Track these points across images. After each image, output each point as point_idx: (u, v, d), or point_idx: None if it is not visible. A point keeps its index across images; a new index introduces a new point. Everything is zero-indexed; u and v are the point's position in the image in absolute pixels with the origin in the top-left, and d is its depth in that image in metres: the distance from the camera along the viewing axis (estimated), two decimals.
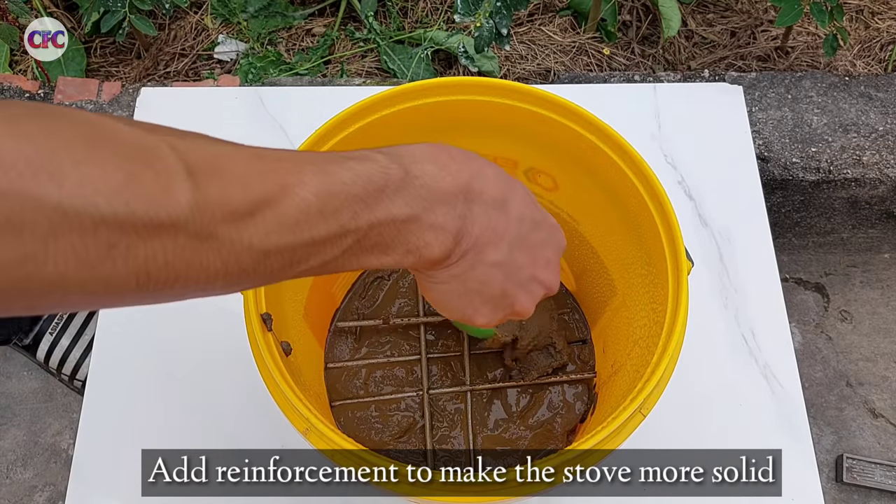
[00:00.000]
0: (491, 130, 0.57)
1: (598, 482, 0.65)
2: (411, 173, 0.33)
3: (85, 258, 0.24)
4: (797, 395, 0.69)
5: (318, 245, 0.30)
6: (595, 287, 0.65)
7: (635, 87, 0.86)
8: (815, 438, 1.26)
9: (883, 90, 1.16)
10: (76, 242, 0.23)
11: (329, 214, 0.30)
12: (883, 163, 1.13)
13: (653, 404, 0.45)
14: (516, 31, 1.36)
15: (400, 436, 0.63)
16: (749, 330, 0.72)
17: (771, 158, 1.12)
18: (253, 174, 0.28)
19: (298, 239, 0.29)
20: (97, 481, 0.65)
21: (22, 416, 1.28)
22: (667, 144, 0.81)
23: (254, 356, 0.46)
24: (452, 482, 0.41)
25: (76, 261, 0.24)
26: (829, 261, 1.42)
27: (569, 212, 0.62)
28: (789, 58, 1.34)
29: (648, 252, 0.53)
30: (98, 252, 0.24)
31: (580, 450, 0.42)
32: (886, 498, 1.23)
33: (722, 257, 0.75)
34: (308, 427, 0.43)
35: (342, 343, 0.67)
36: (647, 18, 1.39)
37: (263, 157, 0.29)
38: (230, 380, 0.67)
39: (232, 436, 0.66)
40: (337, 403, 0.64)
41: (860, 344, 1.36)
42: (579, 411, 0.64)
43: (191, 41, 1.36)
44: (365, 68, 1.33)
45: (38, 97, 1.11)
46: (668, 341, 0.45)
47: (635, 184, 0.51)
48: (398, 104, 0.53)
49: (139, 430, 0.67)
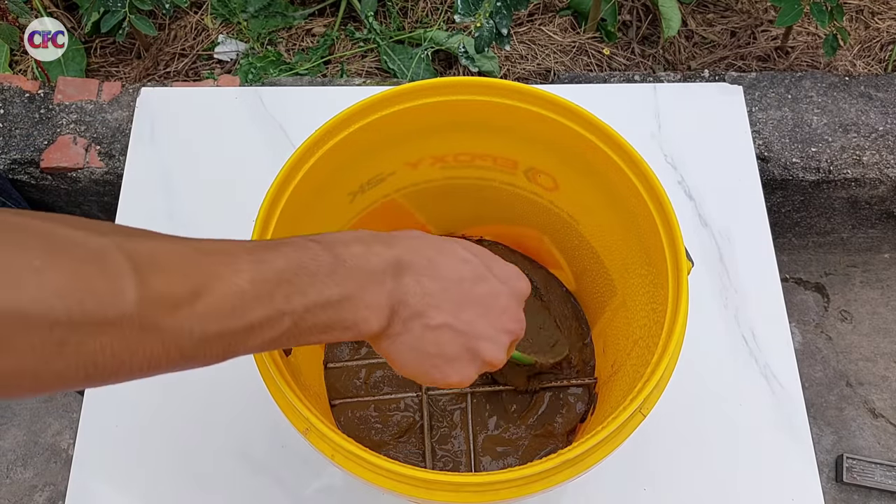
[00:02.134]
0: (491, 130, 0.57)
1: (598, 482, 0.65)
2: (340, 257, 0.36)
3: (41, 354, 0.26)
4: (797, 395, 0.69)
5: (255, 329, 0.32)
6: (595, 287, 0.65)
7: (635, 87, 0.86)
8: (815, 438, 1.26)
9: (883, 90, 1.16)
10: (34, 342, 0.26)
11: (264, 299, 0.32)
12: (883, 163, 1.13)
13: (653, 404, 0.45)
14: (516, 31, 1.36)
15: (400, 436, 0.63)
16: (749, 330, 0.72)
17: (771, 158, 1.12)
18: (192, 267, 0.31)
19: (236, 324, 0.31)
20: (97, 481, 0.65)
21: (22, 416, 1.28)
22: (667, 144, 0.81)
23: (254, 356, 0.46)
24: (452, 482, 0.40)
25: (33, 356, 0.26)
26: (829, 261, 1.42)
27: (569, 212, 0.62)
28: (789, 58, 1.34)
29: (648, 252, 0.53)
30: (52, 349, 0.26)
31: (580, 450, 0.42)
32: (886, 498, 1.23)
33: (722, 257, 0.75)
34: (308, 427, 0.43)
35: (342, 343, 0.67)
36: (647, 18, 1.38)
37: (202, 249, 0.32)
38: (230, 379, 0.67)
39: (232, 435, 0.66)
40: (337, 403, 0.64)
41: (860, 344, 1.36)
42: (579, 411, 0.64)
43: (191, 41, 1.36)
44: (365, 68, 1.33)
45: (38, 97, 1.11)
46: (668, 341, 0.45)
47: (635, 184, 0.51)
48: (398, 104, 0.53)
49: (139, 429, 0.67)
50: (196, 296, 0.30)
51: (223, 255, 0.32)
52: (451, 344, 0.40)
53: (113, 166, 1.08)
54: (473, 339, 0.40)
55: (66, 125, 1.09)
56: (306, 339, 0.35)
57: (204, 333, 0.30)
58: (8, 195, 1.08)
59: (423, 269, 0.39)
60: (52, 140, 1.09)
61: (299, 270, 0.34)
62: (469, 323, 0.40)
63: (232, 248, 0.33)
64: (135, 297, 0.28)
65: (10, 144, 1.08)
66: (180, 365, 0.31)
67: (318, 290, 0.34)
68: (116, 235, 0.29)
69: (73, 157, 1.08)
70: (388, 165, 0.59)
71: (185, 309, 0.30)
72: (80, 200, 1.17)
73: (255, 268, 0.32)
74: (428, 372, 0.40)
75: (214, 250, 0.32)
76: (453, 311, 0.39)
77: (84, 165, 1.08)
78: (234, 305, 0.31)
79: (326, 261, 0.35)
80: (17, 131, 1.09)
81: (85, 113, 1.10)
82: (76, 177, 1.09)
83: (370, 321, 0.37)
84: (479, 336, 0.41)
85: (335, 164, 0.53)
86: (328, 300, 0.35)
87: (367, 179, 0.59)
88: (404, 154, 0.59)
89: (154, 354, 0.29)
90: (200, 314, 0.30)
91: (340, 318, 0.35)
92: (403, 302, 0.38)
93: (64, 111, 1.10)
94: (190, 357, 0.31)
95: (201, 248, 0.32)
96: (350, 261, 0.36)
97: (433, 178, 0.62)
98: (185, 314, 0.30)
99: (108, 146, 1.08)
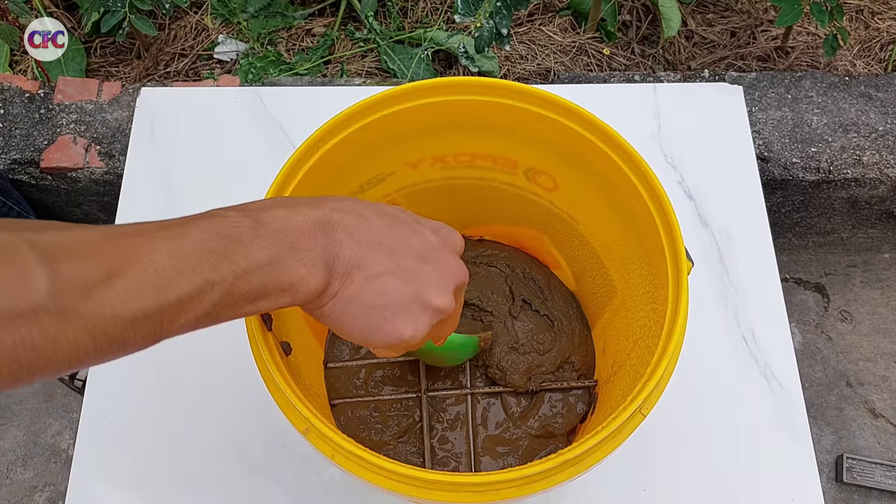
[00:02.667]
0: (491, 130, 0.57)
1: (598, 482, 0.65)
2: (261, 221, 0.35)
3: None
4: (797, 395, 0.69)
5: (184, 303, 0.32)
6: (595, 287, 0.65)
7: (635, 87, 0.86)
8: (815, 438, 1.26)
9: (883, 90, 1.16)
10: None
11: (188, 272, 0.31)
12: (883, 163, 1.13)
13: (653, 404, 0.45)
14: (516, 31, 1.36)
15: (400, 436, 0.63)
16: (749, 330, 0.72)
17: (771, 158, 1.12)
18: (105, 250, 0.30)
19: (162, 300, 0.31)
20: (97, 481, 0.65)
21: (22, 416, 1.28)
22: (667, 144, 0.81)
23: (254, 356, 0.46)
24: (452, 482, 0.40)
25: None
26: (829, 261, 1.42)
27: (569, 212, 0.62)
28: (789, 58, 1.34)
29: (648, 252, 0.53)
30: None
31: (580, 450, 0.42)
32: (886, 498, 1.23)
33: (722, 257, 0.75)
34: (308, 427, 0.43)
35: (342, 343, 0.67)
36: (647, 18, 1.39)
37: (114, 234, 0.31)
38: (230, 380, 0.67)
39: (232, 436, 0.66)
40: (337, 403, 0.64)
41: (860, 344, 1.36)
42: (580, 411, 0.64)
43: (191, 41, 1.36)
44: (365, 68, 1.33)
45: (38, 97, 1.11)
46: (668, 341, 0.45)
47: (635, 184, 0.51)
48: (398, 104, 0.53)
49: (139, 429, 0.67)
50: (111, 277, 0.29)
51: (137, 235, 0.31)
52: (396, 292, 0.38)
53: (113, 166, 1.08)
54: (418, 286, 0.39)
55: (66, 125, 1.09)
56: (244, 309, 0.34)
57: (129, 314, 0.30)
58: (9, 195, 1.08)
59: (353, 224, 0.38)
60: (52, 140, 1.09)
61: (220, 239, 0.33)
62: (410, 270, 0.39)
63: (146, 228, 0.32)
64: (46, 287, 0.27)
65: (10, 144, 1.08)
66: (111, 350, 0.30)
67: (245, 255, 0.33)
68: (24, 231, 0.29)
69: (73, 157, 1.08)
70: (388, 165, 0.59)
71: (102, 291, 0.29)
72: (80, 200, 1.17)
73: (172, 243, 0.32)
74: (378, 327, 0.39)
75: (128, 233, 0.32)
76: (392, 259, 0.38)
77: (84, 165, 1.08)
78: (155, 283, 0.30)
79: (247, 226, 0.34)
80: (17, 131, 1.09)
81: (85, 113, 1.10)
82: (76, 177, 1.09)
83: (307, 280, 0.35)
84: (423, 283, 0.39)
85: (335, 164, 0.53)
86: (257, 264, 0.34)
87: (367, 179, 0.59)
88: (404, 154, 0.59)
89: (79, 342, 0.29)
90: (120, 295, 0.29)
91: (274, 281, 0.34)
92: (338, 256, 0.37)
93: (64, 111, 1.10)
94: (119, 340, 0.30)
95: (113, 233, 0.31)
96: (274, 223, 0.35)
97: (433, 178, 0.62)
98: (102, 297, 0.29)
99: (108, 146, 1.08)
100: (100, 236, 0.31)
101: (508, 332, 0.65)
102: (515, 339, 0.65)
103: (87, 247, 0.30)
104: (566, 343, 0.66)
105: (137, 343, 0.31)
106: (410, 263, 0.39)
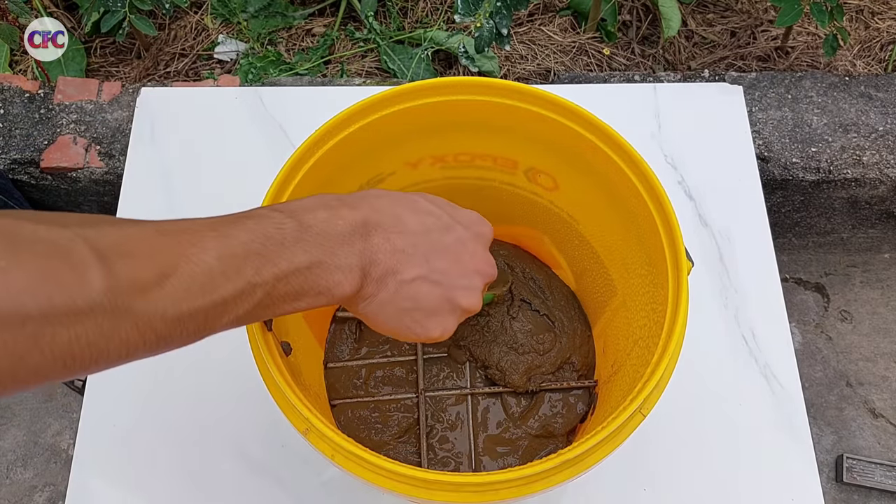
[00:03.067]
0: (491, 130, 0.57)
1: (598, 482, 0.65)
2: (305, 223, 0.36)
3: (14, 350, 0.26)
4: (797, 395, 0.69)
5: (228, 303, 0.33)
6: (595, 287, 0.65)
7: (635, 87, 0.86)
8: (815, 438, 1.26)
9: (883, 90, 1.16)
10: (6, 339, 0.26)
11: (233, 274, 0.33)
12: (883, 163, 1.13)
13: (653, 404, 0.45)
14: (516, 31, 1.36)
15: (400, 436, 0.63)
16: (749, 330, 0.72)
17: (771, 158, 1.12)
18: (157, 249, 0.31)
19: (208, 301, 0.32)
20: (97, 481, 0.65)
21: (22, 416, 1.28)
22: (667, 144, 0.81)
23: (254, 356, 0.46)
24: (452, 482, 0.40)
25: (7, 354, 0.26)
26: (829, 261, 1.42)
27: (569, 212, 0.62)
28: (789, 58, 1.34)
29: (648, 252, 0.53)
30: (26, 344, 0.27)
31: (580, 450, 0.42)
32: (886, 498, 1.23)
33: (722, 257, 0.75)
34: (308, 427, 0.43)
35: (342, 343, 0.67)
36: (647, 18, 1.39)
37: (166, 231, 0.32)
38: (230, 379, 0.67)
39: (232, 435, 0.66)
40: (337, 403, 0.64)
41: (860, 344, 1.36)
42: (579, 411, 0.64)
43: (191, 41, 1.36)
44: (365, 68, 1.33)
45: (38, 97, 1.11)
46: (668, 341, 0.45)
47: (635, 184, 0.51)
48: (398, 104, 0.53)
49: (139, 430, 0.67)
50: (164, 277, 0.30)
51: (187, 234, 0.32)
52: (428, 296, 0.40)
53: (113, 166, 1.08)
54: (449, 289, 0.41)
55: (66, 125, 1.09)
56: (281, 309, 0.36)
57: (177, 313, 0.31)
58: (10, 195, 1.08)
59: (390, 226, 0.39)
60: (52, 140, 1.09)
61: (266, 241, 0.34)
62: (443, 273, 0.41)
63: (195, 227, 0.33)
64: (102, 285, 0.28)
65: (10, 144, 1.08)
66: (158, 347, 0.31)
67: (287, 259, 0.35)
68: (79, 227, 0.30)
69: (73, 157, 1.08)
70: (388, 165, 0.59)
71: (155, 291, 0.30)
72: (80, 200, 1.17)
73: (220, 243, 0.33)
74: (409, 327, 0.41)
75: (178, 230, 0.32)
76: (426, 263, 0.40)
77: (84, 165, 1.08)
78: (203, 283, 0.31)
79: (292, 228, 0.35)
80: (17, 131, 1.09)
81: (85, 113, 1.10)
82: (76, 177, 1.09)
83: (343, 284, 0.37)
84: (454, 285, 0.41)
85: (335, 165, 0.53)
86: (298, 267, 0.35)
87: (367, 179, 0.59)
88: (404, 154, 0.59)
89: (130, 339, 0.29)
90: (171, 295, 0.30)
91: (312, 285, 0.36)
92: (374, 261, 0.38)
93: (64, 111, 1.10)
94: (166, 338, 0.31)
95: (164, 230, 0.32)
96: (316, 226, 0.36)
97: (433, 178, 0.62)
98: (155, 296, 0.30)
99: (108, 146, 1.08)
100: (152, 233, 0.31)
101: (507, 333, 0.65)
102: (515, 340, 0.65)
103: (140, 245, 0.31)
104: (567, 343, 0.66)
105: (182, 340, 0.32)
106: (443, 265, 0.41)
